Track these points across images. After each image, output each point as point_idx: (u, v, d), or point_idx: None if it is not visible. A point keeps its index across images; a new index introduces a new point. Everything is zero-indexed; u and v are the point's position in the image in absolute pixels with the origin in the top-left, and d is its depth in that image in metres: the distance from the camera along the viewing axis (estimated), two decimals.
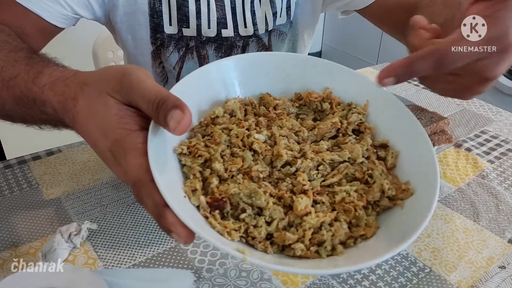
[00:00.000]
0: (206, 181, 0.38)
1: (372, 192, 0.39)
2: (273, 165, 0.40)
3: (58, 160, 0.67)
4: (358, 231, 0.37)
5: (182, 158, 0.39)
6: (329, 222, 0.36)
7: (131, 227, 0.54)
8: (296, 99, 0.47)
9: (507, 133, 0.78)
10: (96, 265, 0.49)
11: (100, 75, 0.40)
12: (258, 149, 0.40)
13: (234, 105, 0.44)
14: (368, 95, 0.45)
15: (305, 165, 0.40)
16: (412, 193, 0.38)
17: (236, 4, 0.80)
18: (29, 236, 0.53)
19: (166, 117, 0.35)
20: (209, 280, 0.48)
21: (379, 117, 0.45)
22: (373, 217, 0.38)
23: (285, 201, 0.37)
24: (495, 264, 0.51)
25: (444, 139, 0.69)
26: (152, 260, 0.50)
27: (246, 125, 0.43)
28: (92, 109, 0.39)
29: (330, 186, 0.40)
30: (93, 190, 0.61)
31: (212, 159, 0.39)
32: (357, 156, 0.41)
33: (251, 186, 0.37)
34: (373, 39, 3.04)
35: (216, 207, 0.36)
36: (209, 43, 0.81)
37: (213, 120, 0.43)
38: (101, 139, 0.38)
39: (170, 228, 0.33)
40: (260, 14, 0.82)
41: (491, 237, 0.55)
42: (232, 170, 0.38)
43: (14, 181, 0.62)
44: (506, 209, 0.59)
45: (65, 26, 0.69)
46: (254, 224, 0.36)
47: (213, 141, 0.40)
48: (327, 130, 0.44)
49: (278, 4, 0.83)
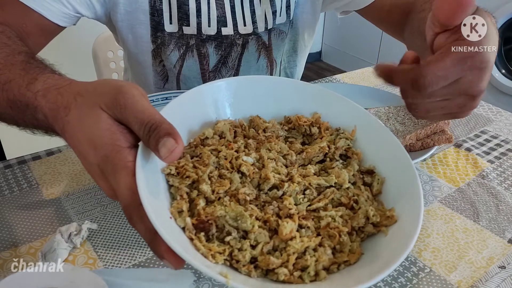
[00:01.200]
0: (193, 203, 0.38)
1: (357, 218, 0.40)
2: (260, 188, 0.41)
3: (58, 160, 0.67)
4: (342, 257, 0.37)
5: (170, 178, 0.39)
6: (313, 247, 0.37)
7: (131, 227, 0.54)
8: (286, 123, 0.48)
9: (507, 133, 0.78)
10: (96, 265, 0.49)
11: (95, 88, 0.40)
12: (246, 171, 0.41)
13: (224, 126, 0.45)
14: (356, 120, 0.47)
15: (291, 189, 0.41)
16: (396, 220, 0.39)
17: (235, 3, 0.80)
18: (29, 236, 0.53)
19: (157, 143, 0.35)
20: (209, 280, 0.48)
21: (366, 143, 0.46)
22: (357, 243, 0.39)
23: (271, 225, 0.38)
24: (495, 264, 0.51)
25: (444, 139, 0.69)
26: (152, 260, 0.50)
27: (235, 147, 0.43)
28: (83, 121, 0.39)
29: (316, 211, 0.40)
30: (93, 190, 0.61)
31: (199, 181, 0.39)
32: (344, 182, 0.42)
33: (237, 209, 0.37)
34: (373, 39, 3.05)
35: (201, 229, 0.36)
36: (209, 41, 0.81)
37: (203, 141, 0.44)
38: (90, 152, 0.38)
39: (163, 255, 0.33)
40: (260, 13, 0.82)
41: (491, 237, 0.55)
42: (220, 192, 0.39)
43: (14, 181, 0.62)
44: (506, 209, 0.59)
45: (67, 25, 0.70)
46: (239, 247, 0.36)
47: (202, 163, 0.41)
48: (314, 155, 0.45)
49: (278, 3, 0.83)
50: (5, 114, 0.49)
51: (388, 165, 0.44)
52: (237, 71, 0.88)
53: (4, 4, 0.63)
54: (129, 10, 0.75)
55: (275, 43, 0.88)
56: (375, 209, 0.40)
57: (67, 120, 0.40)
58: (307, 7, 0.89)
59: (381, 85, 0.97)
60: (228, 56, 0.85)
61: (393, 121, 0.72)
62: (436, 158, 0.70)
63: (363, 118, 0.47)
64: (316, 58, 3.59)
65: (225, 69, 0.87)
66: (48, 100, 0.42)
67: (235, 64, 0.87)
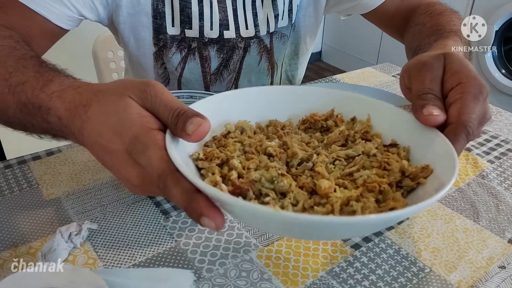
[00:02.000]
0: (225, 177, 0.37)
1: (393, 173, 0.38)
2: (289, 165, 0.40)
3: (58, 160, 0.67)
4: (387, 204, 0.35)
5: (199, 162, 0.39)
6: (355, 199, 0.35)
7: (131, 227, 0.54)
8: (302, 124, 0.48)
9: (507, 133, 0.78)
10: (96, 265, 0.49)
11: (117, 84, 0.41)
12: (273, 152, 0.40)
13: (244, 123, 0.45)
14: (368, 111, 0.47)
15: (321, 159, 0.40)
16: (432, 170, 0.38)
17: (237, 6, 0.80)
18: (29, 236, 0.53)
19: (185, 123, 0.36)
20: (209, 280, 0.48)
21: (382, 126, 0.46)
22: (399, 194, 0.37)
23: (307, 188, 0.37)
24: (495, 264, 0.51)
25: None
26: (152, 260, 0.50)
27: (258, 138, 0.43)
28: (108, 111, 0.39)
29: (349, 175, 0.39)
30: (93, 190, 0.61)
31: (229, 158, 0.39)
32: (370, 149, 0.41)
33: (272, 172, 0.36)
34: (373, 39, 3.05)
35: (238, 194, 0.35)
36: (211, 44, 0.81)
37: (225, 136, 0.44)
38: (115, 140, 0.37)
39: (203, 211, 0.33)
40: (262, 16, 0.82)
41: (491, 237, 0.55)
42: (250, 167, 0.38)
43: (14, 181, 0.62)
44: (506, 209, 0.59)
45: (70, 28, 0.70)
46: (280, 205, 0.35)
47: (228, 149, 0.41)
48: (335, 139, 0.44)
49: (280, 6, 0.83)
50: (13, 118, 0.49)
51: (409, 137, 0.43)
52: (238, 74, 0.88)
53: (8, 8, 0.63)
54: (132, 12, 0.75)
55: (276, 46, 0.88)
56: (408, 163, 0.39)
57: (87, 117, 0.40)
58: (309, 11, 0.89)
59: (381, 85, 0.97)
60: (230, 59, 0.85)
61: None
62: None
63: (374, 107, 0.47)
64: (316, 58, 3.59)
65: (226, 72, 0.87)
66: (64, 101, 0.42)
67: (236, 67, 0.87)
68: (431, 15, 0.76)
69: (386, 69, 1.06)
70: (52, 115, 0.43)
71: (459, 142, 0.40)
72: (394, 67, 1.07)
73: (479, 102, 0.41)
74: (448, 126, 0.41)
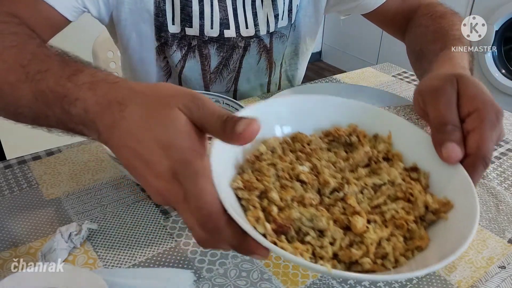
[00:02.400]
0: (265, 211, 0.40)
1: (417, 208, 0.42)
2: (321, 193, 0.43)
3: (58, 160, 0.67)
4: (413, 243, 0.39)
5: (239, 192, 0.41)
6: (386, 237, 0.39)
7: (131, 227, 0.54)
8: (325, 136, 0.50)
9: (507, 133, 0.78)
10: (96, 265, 0.49)
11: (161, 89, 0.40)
12: (305, 179, 0.43)
13: (274, 142, 0.47)
14: (389, 126, 0.49)
15: (351, 189, 0.43)
16: (453, 206, 0.41)
17: (237, 5, 0.80)
18: (29, 236, 0.53)
19: (234, 125, 0.36)
20: (209, 280, 0.48)
21: (403, 144, 0.48)
22: (423, 230, 0.41)
23: (341, 223, 0.40)
24: (495, 264, 0.51)
25: None
26: (152, 260, 0.50)
27: (288, 160, 0.46)
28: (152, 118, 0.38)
29: (377, 207, 0.42)
30: (93, 190, 0.61)
31: (267, 190, 0.41)
32: (395, 178, 0.44)
33: (311, 211, 0.40)
34: (373, 39, 3.05)
35: (281, 232, 0.38)
36: (211, 42, 0.81)
37: (258, 157, 0.46)
38: (159, 153, 0.37)
39: (254, 250, 0.36)
40: (262, 16, 0.82)
41: (491, 237, 0.55)
42: (287, 199, 0.41)
43: (14, 181, 0.62)
44: (506, 209, 0.59)
45: (73, 19, 0.70)
46: (319, 245, 0.38)
47: (263, 175, 0.43)
48: (360, 160, 0.47)
49: (280, 6, 0.83)
50: (25, 107, 0.47)
51: (428, 160, 0.45)
52: (238, 73, 0.88)
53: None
54: (134, 9, 0.76)
55: (276, 46, 0.88)
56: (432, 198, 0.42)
57: (121, 116, 0.38)
58: (309, 11, 0.89)
59: (381, 85, 0.97)
60: (229, 58, 0.85)
61: None
62: None
63: (396, 123, 0.49)
64: (316, 58, 3.59)
65: (226, 71, 0.87)
66: (95, 93, 0.40)
67: (236, 67, 0.87)
68: (432, 17, 0.76)
69: (386, 69, 1.06)
70: (78, 106, 0.41)
71: (477, 173, 0.42)
72: (394, 67, 1.07)
73: (495, 129, 0.43)
74: (467, 157, 0.43)
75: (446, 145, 0.43)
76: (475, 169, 0.42)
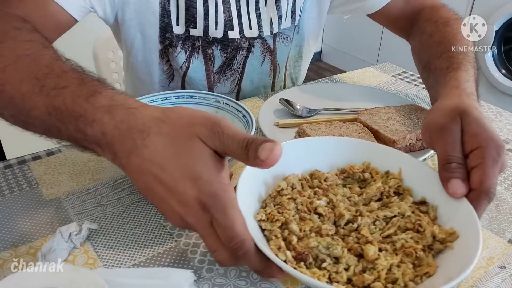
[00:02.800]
0: (286, 240, 0.45)
1: (425, 238, 0.46)
2: (337, 224, 0.48)
3: (58, 160, 0.67)
4: (422, 269, 0.43)
5: (262, 223, 0.46)
6: (396, 264, 0.43)
7: (131, 227, 0.54)
8: (340, 173, 0.55)
9: (507, 133, 0.78)
10: (96, 265, 0.49)
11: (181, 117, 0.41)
12: (322, 212, 0.48)
13: (293, 179, 0.52)
14: (400, 164, 0.54)
15: (364, 221, 0.47)
16: (458, 236, 0.45)
17: (241, 6, 0.80)
18: (29, 236, 0.53)
19: (256, 151, 0.38)
20: (209, 280, 0.48)
21: (412, 180, 0.53)
22: (431, 258, 0.44)
23: (355, 251, 0.44)
24: (495, 264, 0.51)
25: None
26: (152, 260, 0.50)
27: (307, 195, 0.51)
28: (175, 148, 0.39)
29: (388, 237, 0.47)
30: (93, 190, 0.61)
31: (287, 222, 0.46)
32: (405, 211, 0.49)
33: (327, 240, 0.44)
34: (373, 39, 3.05)
35: (300, 259, 0.43)
36: (215, 43, 0.82)
37: (279, 192, 0.51)
38: (185, 184, 0.39)
39: (276, 275, 0.41)
40: (266, 17, 0.82)
41: (491, 237, 0.55)
42: (305, 230, 0.46)
43: (14, 181, 0.62)
44: (506, 209, 0.59)
45: (79, 18, 0.70)
46: (335, 271, 0.43)
47: (284, 208, 0.48)
48: (373, 194, 0.52)
49: (284, 7, 0.83)
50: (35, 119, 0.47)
51: (436, 195, 0.50)
52: (241, 74, 0.89)
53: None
54: (139, 9, 0.76)
55: (279, 47, 0.88)
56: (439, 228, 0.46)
57: (143, 144, 0.40)
58: (313, 13, 0.89)
59: (381, 85, 0.97)
60: (233, 59, 0.85)
61: (393, 121, 0.72)
62: (436, 158, 0.70)
63: (406, 161, 0.54)
64: (316, 58, 3.59)
65: (229, 71, 0.87)
66: (113, 118, 0.41)
67: (240, 68, 0.87)
68: (437, 24, 0.76)
69: (386, 69, 1.06)
70: (94, 128, 0.42)
71: (481, 207, 0.46)
72: (394, 67, 1.07)
73: (497, 164, 0.46)
74: (471, 191, 0.47)
75: (452, 182, 0.47)
76: (478, 202, 0.46)
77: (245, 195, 0.45)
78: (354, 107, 0.80)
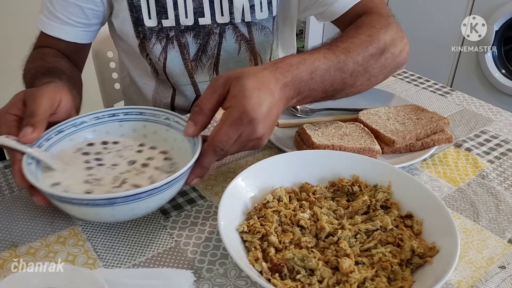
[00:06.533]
0: (265, 252, 0.46)
1: (404, 252, 0.46)
2: (318, 237, 0.49)
3: None
4: (396, 284, 0.44)
5: (244, 235, 0.48)
6: (371, 278, 0.44)
7: (131, 227, 0.54)
8: (330, 186, 0.57)
9: (507, 133, 0.78)
10: (96, 265, 0.49)
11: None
12: (304, 224, 0.49)
13: (280, 192, 0.54)
14: (389, 177, 0.56)
15: (344, 234, 0.48)
16: (438, 251, 0.46)
17: None
18: (29, 236, 0.53)
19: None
20: (209, 280, 0.48)
21: (401, 194, 0.54)
22: (408, 272, 0.45)
23: (331, 264, 0.45)
24: (495, 264, 0.51)
25: (444, 139, 0.69)
26: (152, 260, 0.50)
27: (292, 207, 0.52)
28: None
29: (367, 250, 0.48)
30: None
31: (268, 234, 0.48)
32: (387, 224, 0.50)
33: (303, 252, 0.45)
34: None
35: (275, 271, 0.44)
36: (187, 31, 0.85)
37: (265, 205, 0.52)
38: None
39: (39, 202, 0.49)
40: (238, 5, 0.84)
41: (491, 237, 0.55)
42: (285, 242, 0.47)
43: (14, 181, 0.62)
44: (506, 209, 0.59)
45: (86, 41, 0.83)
46: (308, 283, 0.43)
47: (267, 221, 0.50)
48: (359, 207, 0.53)
49: None
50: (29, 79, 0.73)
51: (423, 209, 0.51)
52: (217, 60, 0.91)
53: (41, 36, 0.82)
54: (117, 9, 0.81)
55: (257, 37, 0.90)
56: (418, 243, 0.47)
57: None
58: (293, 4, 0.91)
59: (381, 85, 0.97)
60: (206, 44, 0.87)
61: (393, 121, 0.72)
62: (436, 158, 0.70)
63: (396, 175, 0.55)
64: None
65: (205, 57, 0.89)
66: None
67: (214, 53, 0.89)
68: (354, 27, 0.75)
69: None
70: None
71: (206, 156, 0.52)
72: None
73: (237, 127, 0.51)
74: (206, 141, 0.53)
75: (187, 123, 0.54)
76: (205, 152, 0.52)
77: (229, 207, 0.49)
78: (354, 107, 0.80)
